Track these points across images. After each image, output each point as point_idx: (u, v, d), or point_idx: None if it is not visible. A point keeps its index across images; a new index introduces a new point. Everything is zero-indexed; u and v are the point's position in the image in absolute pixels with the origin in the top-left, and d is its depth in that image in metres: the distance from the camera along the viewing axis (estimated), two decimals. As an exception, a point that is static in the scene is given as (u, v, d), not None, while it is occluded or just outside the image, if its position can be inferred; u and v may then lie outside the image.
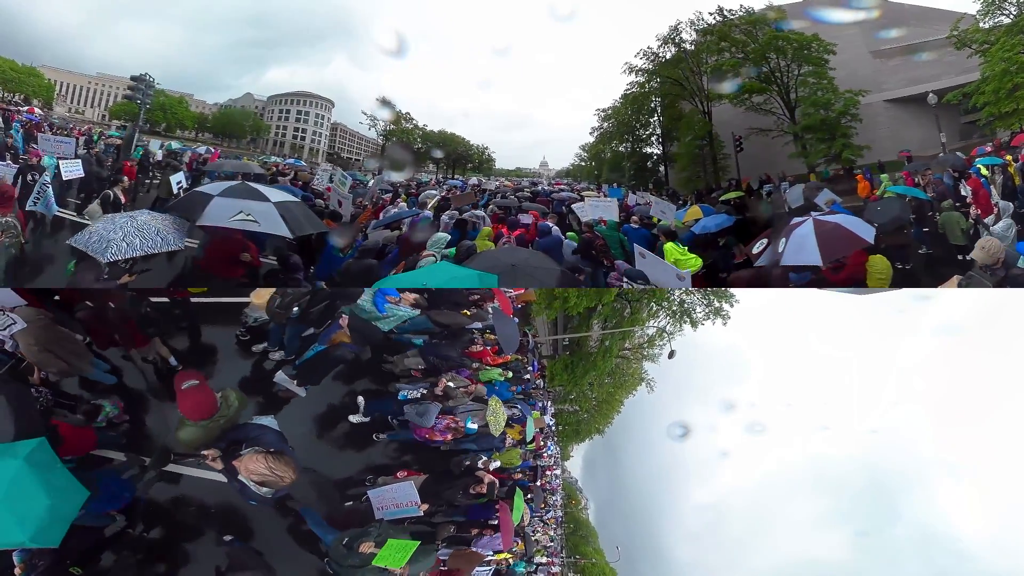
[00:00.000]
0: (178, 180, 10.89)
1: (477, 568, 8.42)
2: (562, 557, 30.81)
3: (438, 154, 46.44)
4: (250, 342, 7.45)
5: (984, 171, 11.34)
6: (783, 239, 6.12)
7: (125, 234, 4.84)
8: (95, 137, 21.56)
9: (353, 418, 8.01)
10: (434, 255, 7.66)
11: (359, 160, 48.76)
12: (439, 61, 64.56)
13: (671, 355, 25.08)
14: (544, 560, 17.21)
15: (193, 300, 7.18)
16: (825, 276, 6.42)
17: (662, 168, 36.79)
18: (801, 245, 5.87)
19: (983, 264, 5.48)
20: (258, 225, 4.90)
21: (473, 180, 33.89)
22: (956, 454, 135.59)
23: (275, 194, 5.42)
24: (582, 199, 13.89)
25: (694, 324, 28.84)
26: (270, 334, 7.32)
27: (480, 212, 11.58)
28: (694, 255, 8.72)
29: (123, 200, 9.93)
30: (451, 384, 8.11)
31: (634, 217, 11.12)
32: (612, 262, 8.95)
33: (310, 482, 6.60)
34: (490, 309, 9.89)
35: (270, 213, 4.97)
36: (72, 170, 10.04)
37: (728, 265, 9.90)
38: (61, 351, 5.46)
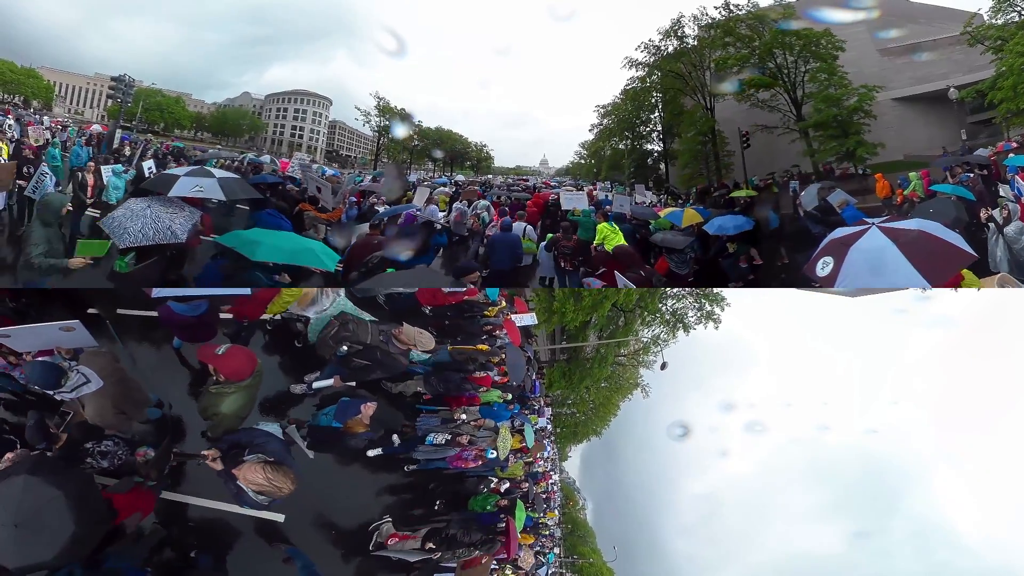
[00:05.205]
0: (149, 166, 12.39)
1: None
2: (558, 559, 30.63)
3: (437, 153, 45.82)
4: (303, 351, 7.19)
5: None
6: (831, 258, 4.50)
7: (143, 225, 5.34)
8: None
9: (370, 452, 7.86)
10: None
11: (355, 158, 48.16)
12: (440, 59, 63.88)
13: (663, 367, 25.69)
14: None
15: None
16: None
17: (663, 166, 35.98)
18: (878, 264, 4.27)
19: None
20: (203, 192, 6.14)
21: (460, 178, 33.43)
22: (956, 449, 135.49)
23: (220, 173, 6.74)
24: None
25: (687, 329, 28.73)
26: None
27: (485, 202, 13.29)
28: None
29: (90, 182, 10.68)
30: (464, 416, 8.75)
31: (607, 207, 11.93)
32: (573, 265, 9.34)
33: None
34: (500, 335, 10.57)
35: (213, 185, 6.24)
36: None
37: (736, 272, 9.35)
38: (132, 409, 4.84)
